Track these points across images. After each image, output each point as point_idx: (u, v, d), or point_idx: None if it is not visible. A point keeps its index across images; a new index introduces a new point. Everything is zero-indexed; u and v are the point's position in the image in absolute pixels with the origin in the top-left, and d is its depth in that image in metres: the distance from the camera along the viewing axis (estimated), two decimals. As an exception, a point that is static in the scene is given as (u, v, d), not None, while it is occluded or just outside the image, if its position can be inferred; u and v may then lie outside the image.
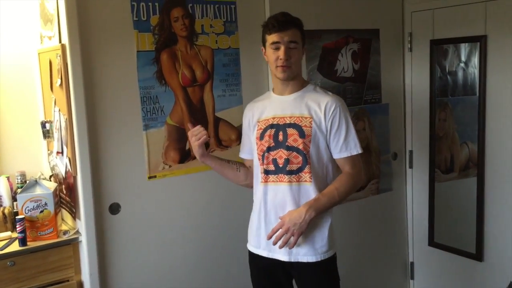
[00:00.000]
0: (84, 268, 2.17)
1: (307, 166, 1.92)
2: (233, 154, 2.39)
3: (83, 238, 2.14)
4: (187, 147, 2.36)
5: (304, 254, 1.95)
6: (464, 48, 2.86)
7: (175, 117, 2.33)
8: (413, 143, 3.14)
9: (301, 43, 1.94)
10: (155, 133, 2.28)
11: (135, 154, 2.23)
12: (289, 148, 1.93)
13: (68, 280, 2.17)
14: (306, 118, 1.93)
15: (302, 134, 1.92)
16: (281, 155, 1.94)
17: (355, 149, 1.96)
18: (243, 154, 2.16)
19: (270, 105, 2.02)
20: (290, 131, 1.93)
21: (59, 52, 2.07)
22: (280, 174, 1.95)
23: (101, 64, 2.12)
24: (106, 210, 2.18)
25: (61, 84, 2.12)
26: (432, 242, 3.10)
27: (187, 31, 2.32)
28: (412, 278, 3.26)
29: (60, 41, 2.09)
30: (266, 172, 1.97)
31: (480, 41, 2.70)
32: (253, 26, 2.50)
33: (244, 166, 2.14)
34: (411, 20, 3.04)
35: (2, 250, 2.06)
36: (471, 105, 2.81)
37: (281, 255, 1.97)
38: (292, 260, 1.96)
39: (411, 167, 3.17)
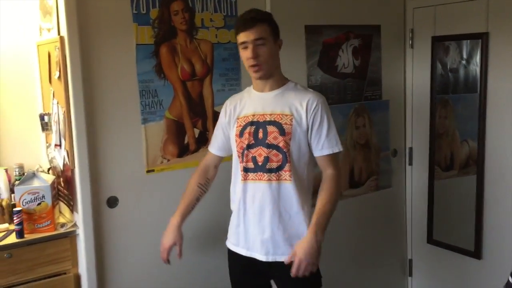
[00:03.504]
0: (81, 261, 2.17)
1: (287, 165, 1.90)
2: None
3: (80, 231, 2.14)
4: (185, 141, 2.36)
5: (282, 254, 1.93)
6: (465, 45, 2.84)
7: (174, 111, 2.32)
8: (413, 140, 3.13)
9: (272, 38, 1.88)
10: (154, 126, 2.27)
11: (133, 147, 2.23)
12: (269, 146, 1.91)
13: (65, 273, 2.17)
14: (286, 115, 1.91)
15: (282, 132, 1.90)
16: (260, 152, 1.92)
17: (337, 146, 1.95)
18: (213, 149, 2.13)
19: (250, 102, 1.99)
20: (270, 128, 1.91)
21: (58, 44, 2.06)
22: (259, 172, 1.92)
23: (100, 57, 2.11)
24: (104, 203, 2.18)
25: (59, 77, 2.11)
26: (431, 240, 3.09)
27: (187, 25, 2.31)
28: (411, 275, 3.25)
29: (59, 33, 2.08)
30: (246, 170, 1.95)
31: (481, 38, 2.68)
32: (253, 21, 2.49)
33: (203, 174, 2.12)
34: (412, 16, 3.03)
35: (-1, 242, 2.06)
36: (472, 103, 2.80)
37: (259, 254, 1.96)
38: (270, 260, 1.95)
39: (410, 164, 3.16)
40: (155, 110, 2.26)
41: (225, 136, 2.08)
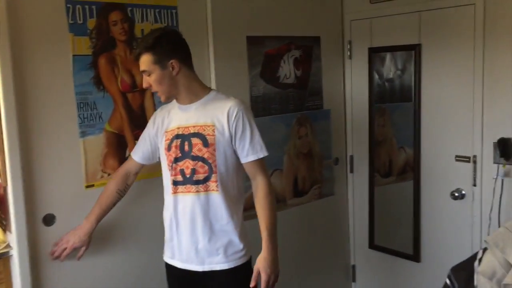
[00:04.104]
0: (16, 283, 2.04)
1: (213, 175, 1.93)
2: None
3: (14, 252, 2.02)
4: (127, 154, 2.29)
5: (217, 262, 1.97)
6: (400, 56, 2.96)
7: (114, 124, 2.25)
8: (353, 148, 3.22)
9: (158, 65, 1.89)
10: (93, 140, 2.19)
11: (71, 162, 2.14)
12: (195, 158, 1.93)
13: (-2, 297, 2.05)
14: (209, 126, 1.93)
15: (205, 143, 1.92)
16: (187, 165, 1.94)
17: (261, 152, 1.97)
18: (136, 156, 2.13)
19: (175, 115, 2.01)
20: (194, 140, 1.94)
21: (-13, 55, 1.95)
22: (188, 185, 1.95)
23: (34, 69, 2.02)
24: (40, 221, 2.07)
25: (-11, 89, 1.99)
26: (372, 245, 3.18)
27: (126, 35, 2.26)
28: (354, 280, 3.33)
29: (-12, 44, 1.97)
30: (175, 183, 1.98)
31: (414, 50, 2.81)
32: (195, 32, 2.47)
33: (122, 180, 2.13)
34: (350, 28, 3.12)
35: None
36: (408, 111, 2.92)
37: (195, 265, 1.99)
38: (206, 269, 1.98)
39: (352, 171, 3.24)
40: (94, 123, 2.19)
41: (151, 145, 2.10)
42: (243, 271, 2.01)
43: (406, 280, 3.04)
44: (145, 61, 1.89)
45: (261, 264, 1.91)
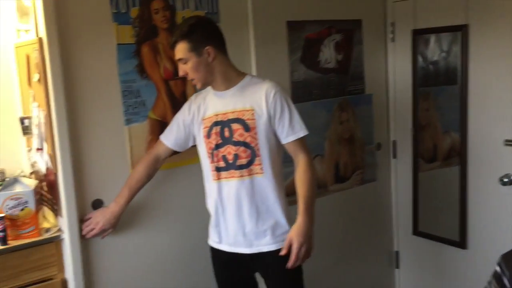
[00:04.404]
0: (67, 265, 2.13)
1: (256, 159, 1.95)
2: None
3: (65, 236, 2.10)
4: (170, 141, 2.33)
5: (264, 244, 1.99)
6: (445, 38, 2.87)
7: (157, 111, 2.29)
8: (396, 133, 3.15)
9: (194, 53, 1.91)
10: (138, 127, 2.24)
11: (117, 149, 2.19)
12: (237, 143, 1.95)
13: (51, 279, 2.13)
14: (248, 110, 1.94)
15: (247, 128, 1.94)
16: (229, 151, 1.96)
17: (301, 131, 1.98)
18: (168, 142, 2.13)
19: (211, 102, 2.03)
20: (235, 126, 1.95)
21: (37, 46, 2.01)
22: (231, 170, 1.98)
23: (80, 58, 2.07)
24: (89, 206, 2.14)
25: (39, 79, 2.07)
26: (416, 231, 3.12)
27: (168, 23, 2.28)
28: (397, 267, 3.28)
29: (37, 35, 2.03)
30: (218, 169, 2.01)
31: (461, 31, 2.71)
32: (235, 18, 2.48)
33: (153, 164, 2.14)
34: (393, 10, 3.04)
35: (-19, 249, 2.01)
36: (453, 94, 2.83)
37: (243, 248, 2.01)
38: (254, 251, 2.00)
39: (395, 157, 3.18)
40: (138, 111, 2.23)
41: (184, 132, 2.11)
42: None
43: (451, 266, 2.98)
44: (181, 49, 1.92)
45: (294, 232, 1.90)
